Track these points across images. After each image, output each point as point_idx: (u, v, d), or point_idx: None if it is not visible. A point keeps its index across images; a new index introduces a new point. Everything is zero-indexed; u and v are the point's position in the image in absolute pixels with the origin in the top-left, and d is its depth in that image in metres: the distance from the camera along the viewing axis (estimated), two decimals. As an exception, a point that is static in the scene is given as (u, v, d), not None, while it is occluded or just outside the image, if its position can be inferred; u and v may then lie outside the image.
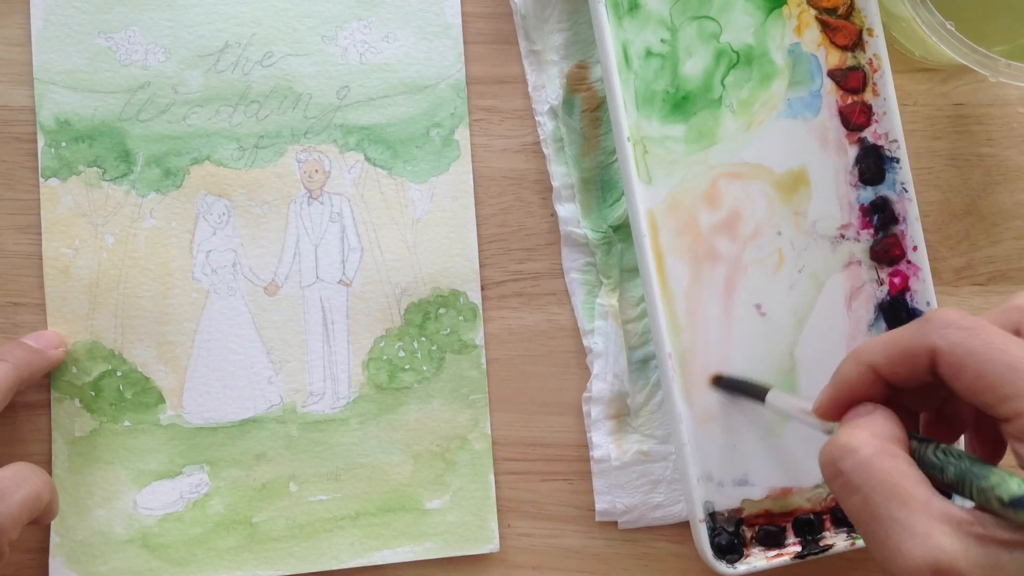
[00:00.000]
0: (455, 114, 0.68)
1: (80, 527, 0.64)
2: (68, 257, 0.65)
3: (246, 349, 0.66)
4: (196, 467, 0.66)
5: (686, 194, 0.66)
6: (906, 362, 0.49)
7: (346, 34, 0.67)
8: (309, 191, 0.67)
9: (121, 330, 0.65)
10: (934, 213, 0.71)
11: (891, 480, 0.46)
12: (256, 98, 0.66)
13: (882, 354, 0.50)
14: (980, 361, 0.46)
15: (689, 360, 0.66)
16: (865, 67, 0.68)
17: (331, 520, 0.67)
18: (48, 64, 0.65)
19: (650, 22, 0.66)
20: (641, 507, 0.68)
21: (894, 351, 0.50)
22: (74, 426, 0.65)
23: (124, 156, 0.65)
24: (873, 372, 0.51)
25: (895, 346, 0.50)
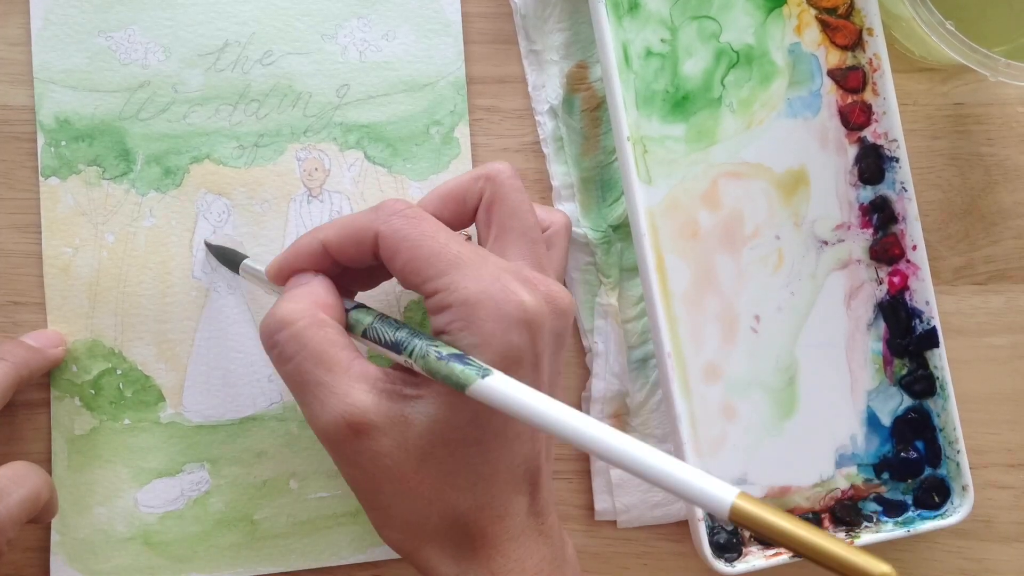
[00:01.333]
0: (455, 112, 0.68)
1: (81, 525, 0.64)
2: (68, 256, 0.65)
3: (246, 347, 0.66)
4: (197, 465, 0.66)
5: (686, 194, 0.66)
6: (354, 244, 0.55)
7: (346, 32, 0.67)
8: (309, 189, 0.67)
9: (121, 328, 0.65)
10: (934, 212, 0.71)
11: (319, 348, 0.53)
12: (256, 97, 0.66)
13: (335, 233, 0.56)
14: (412, 247, 0.53)
15: (688, 359, 0.66)
16: (865, 67, 0.68)
17: (332, 517, 0.67)
18: (48, 63, 0.65)
19: (650, 22, 0.66)
20: (640, 506, 0.68)
21: (345, 232, 0.55)
22: (74, 424, 0.65)
23: (124, 155, 0.65)
24: (324, 248, 0.56)
25: (347, 227, 0.56)
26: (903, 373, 0.69)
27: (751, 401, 0.67)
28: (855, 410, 0.68)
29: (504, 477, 0.55)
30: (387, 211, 0.54)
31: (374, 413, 0.52)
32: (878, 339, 0.69)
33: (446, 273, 0.52)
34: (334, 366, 0.52)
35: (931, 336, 0.68)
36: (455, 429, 0.53)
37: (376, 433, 0.52)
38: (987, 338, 0.71)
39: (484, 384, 0.49)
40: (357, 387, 0.52)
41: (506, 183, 0.58)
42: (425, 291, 0.53)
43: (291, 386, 0.54)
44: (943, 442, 0.68)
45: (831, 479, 0.68)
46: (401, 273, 0.54)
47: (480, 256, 0.53)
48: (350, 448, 0.52)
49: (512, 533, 0.55)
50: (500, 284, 0.52)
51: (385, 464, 0.52)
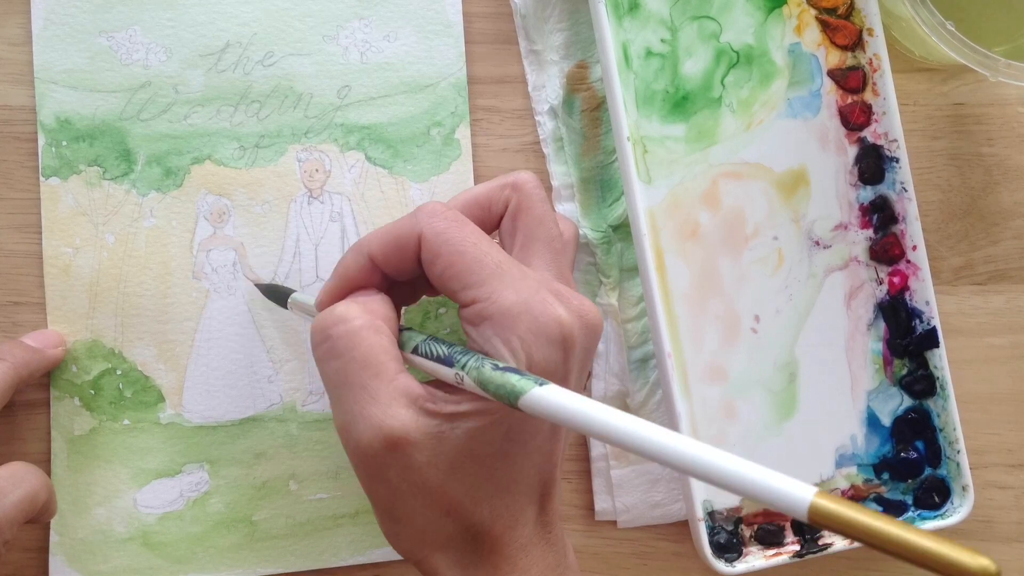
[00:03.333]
0: (456, 113, 0.68)
1: (80, 526, 0.64)
2: (68, 256, 0.65)
3: (246, 348, 0.66)
4: (196, 466, 0.66)
5: (686, 194, 0.66)
6: (399, 250, 0.54)
7: (347, 33, 0.67)
8: (309, 190, 0.67)
9: (121, 329, 0.65)
10: (933, 212, 0.71)
11: (371, 352, 0.52)
12: (257, 98, 0.66)
13: (379, 242, 0.55)
14: (453, 251, 0.53)
15: (688, 359, 0.66)
16: (865, 67, 0.68)
17: (331, 518, 0.67)
18: (49, 63, 0.65)
19: (650, 22, 0.66)
20: (640, 506, 0.68)
21: (388, 239, 0.55)
22: (73, 425, 0.65)
23: (125, 155, 0.65)
24: (371, 262, 0.56)
25: (390, 234, 0.55)
26: (903, 373, 0.69)
27: (751, 401, 0.67)
28: (855, 410, 0.68)
29: (521, 488, 0.55)
30: (428, 213, 0.54)
31: (413, 430, 0.51)
32: (878, 339, 0.69)
33: (486, 282, 0.52)
34: (382, 373, 0.52)
35: (931, 336, 0.68)
36: (489, 444, 0.53)
37: (411, 449, 0.51)
38: (987, 338, 0.71)
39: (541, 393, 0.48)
40: (399, 400, 0.51)
41: (533, 193, 0.58)
42: (463, 298, 0.53)
43: (332, 384, 0.54)
44: (943, 442, 0.68)
45: (831, 479, 0.68)
46: (440, 278, 0.54)
47: (518, 267, 0.53)
48: (380, 461, 0.52)
49: (521, 542, 0.55)
50: (539, 297, 0.52)
51: (413, 479, 0.52)
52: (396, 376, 0.52)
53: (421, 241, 0.54)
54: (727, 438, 0.66)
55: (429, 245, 0.53)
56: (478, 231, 0.54)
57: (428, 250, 0.53)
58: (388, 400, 0.51)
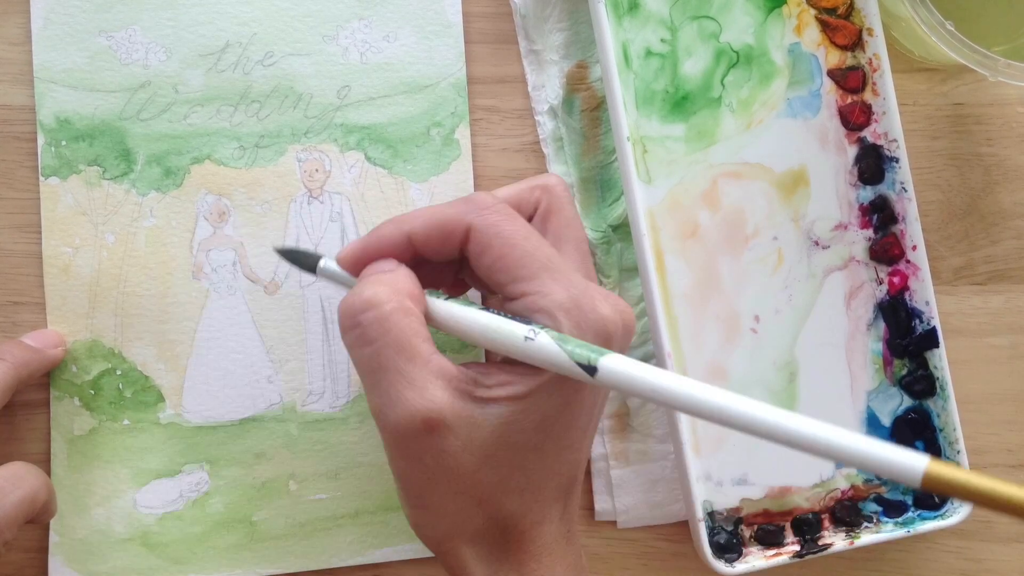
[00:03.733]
0: (455, 113, 0.68)
1: (80, 526, 0.64)
2: (68, 256, 0.65)
3: (246, 348, 0.66)
4: (196, 466, 0.66)
5: (686, 194, 0.66)
6: (443, 235, 0.55)
7: (347, 33, 0.67)
8: (309, 190, 0.67)
9: (121, 329, 0.65)
10: (933, 213, 0.71)
11: (403, 336, 0.51)
12: (257, 98, 0.66)
13: (423, 224, 0.55)
14: (505, 243, 0.53)
15: (688, 359, 0.66)
16: (865, 67, 0.68)
17: (331, 519, 0.67)
18: (48, 63, 0.65)
19: (650, 22, 0.66)
20: (640, 506, 0.68)
21: (434, 222, 0.55)
22: (73, 425, 0.65)
23: (124, 155, 0.65)
24: (408, 240, 0.55)
25: (436, 218, 0.55)
26: (903, 373, 0.69)
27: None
28: (855, 410, 0.68)
29: (551, 484, 0.55)
30: (480, 204, 0.54)
31: (449, 412, 0.51)
32: (878, 339, 0.69)
33: (537, 276, 0.52)
34: (416, 356, 0.51)
35: (931, 336, 0.68)
36: (522, 433, 0.53)
37: (447, 432, 0.51)
38: (987, 338, 0.71)
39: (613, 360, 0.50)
40: (435, 383, 0.51)
41: (562, 195, 0.59)
42: (512, 291, 0.53)
43: (365, 370, 0.53)
44: (943, 442, 0.68)
45: (831, 479, 0.68)
46: (489, 270, 0.54)
47: (566, 264, 0.54)
48: (417, 444, 0.52)
49: (546, 539, 0.55)
50: (588, 295, 0.52)
51: (447, 464, 0.52)
52: (430, 358, 0.52)
53: (470, 232, 0.54)
54: (727, 438, 0.66)
55: (480, 237, 0.53)
56: (528, 226, 0.54)
57: (478, 242, 0.54)
58: (424, 382, 0.51)
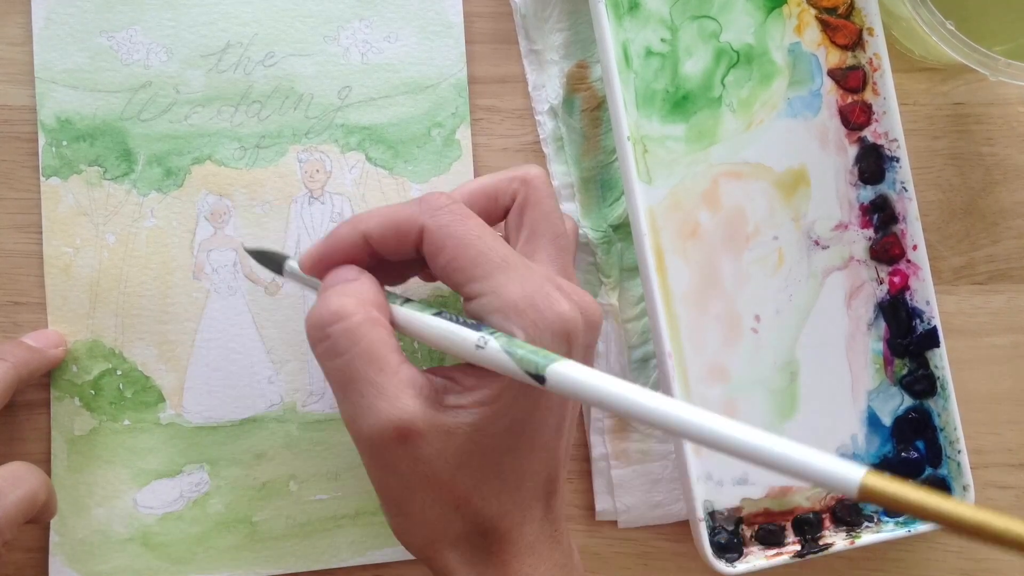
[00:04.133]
0: (456, 114, 0.68)
1: (80, 526, 0.64)
2: (69, 256, 0.65)
3: (246, 349, 0.66)
4: (196, 466, 0.66)
5: (686, 193, 0.66)
6: (397, 236, 0.54)
7: (348, 34, 0.67)
8: (310, 191, 0.67)
9: (121, 329, 0.65)
10: (934, 212, 0.71)
11: (373, 347, 0.52)
12: (258, 98, 0.67)
13: (378, 224, 0.55)
14: (458, 244, 0.53)
15: (689, 359, 0.66)
16: (865, 66, 0.68)
17: (331, 519, 0.67)
18: (49, 63, 0.65)
19: (650, 21, 0.66)
20: (641, 506, 0.68)
21: (388, 223, 0.55)
22: (74, 425, 0.65)
23: (125, 155, 0.65)
24: (364, 240, 0.55)
25: (390, 219, 0.55)
26: (904, 373, 0.69)
27: (752, 401, 0.67)
28: (856, 410, 0.68)
29: (528, 485, 0.55)
30: (433, 205, 0.54)
31: (421, 420, 0.51)
32: (879, 339, 0.69)
33: (491, 276, 0.52)
34: (386, 367, 0.52)
35: (932, 336, 0.68)
36: (492, 437, 0.53)
37: (420, 440, 0.51)
38: (988, 338, 0.71)
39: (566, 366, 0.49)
40: (406, 392, 0.51)
41: (541, 188, 0.58)
42: (467, 292, 0.53)
43: (336, 382, 0.53)
44: (944, 442, 0.68)
45: (832, 479, 0.68)
46: (444, 271, 0.54)
47: (523, 261, 0.54)
48: (391, 453, 0.52)
49: (529, 540, 0.55)
50: (544, 292, 0.52)
51: (423, 471, 0.52)
52: (400, 368, 0.52)
53: (424, 233, 0.54)
54: (727, 438, 0.66)
55: (432, 238, 0.53)
56: (482, 224, 0.54)
57: (431, 243, 0.53)
58: (395, 392, 0.51)
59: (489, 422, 0.52)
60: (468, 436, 0.52)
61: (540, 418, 0.54)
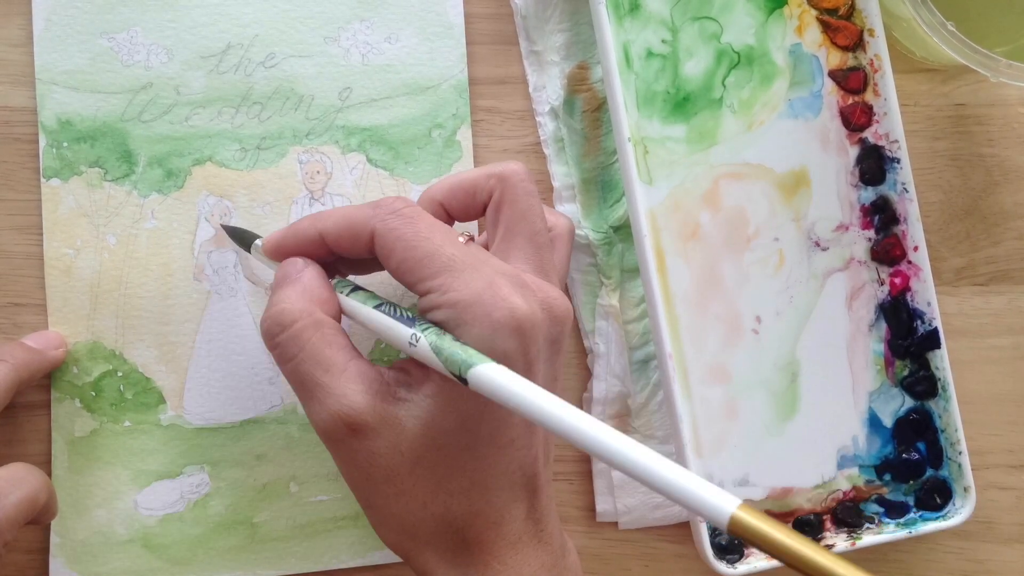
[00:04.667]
0: (457, 115, 0.68)
1: (80, 527, 0.64)
2: (69, 257, 0.65)
3: (247, 350, 0.66)
4: (197, 467, 0.66)
5: (687, 194, 0.66)
6: (350, 238, 0.56)
7: (348, 35, 0.67)
8: (311, 192, 0.67)
9: (122, 330, 0.65)
10: (935, 213, 0.71)
11: (316, 349, 0.54)
12: (258, 99, 0.66)
13: (333, 225, 0.56)
14: (406, 247, 0.53)
15: (689, 360, 0.66)
16: (866, 67, 0.68)
17: (332, 520, 0.67)
18: (50, 64, 0.65)
19: (651, 22, 0.66)
20: (641, 507, 0.68)
21: (343, 225, 0.56)
22: (74, 426, 0.65)
23: (126, 157, 0.65)
24: (321, 238, 0.57)
25: (345, 221, 0.56)
26: (904, 374, 0.69)
27: (753, 402, 0.67)
28: (856, 411, 0.68)
29: (500, 483, 0.55)
30: (385, 209, 0.55)
31: (368, 413, 0.53)
32: (879, 340, 0.69)
33: (439, 275, 0.52)
34: (331, 367, 0.53)
35: (932, 337, 0.68)
36: (444, 434, 0.53)
37: (371, 433, 0.53)
38: (989, 339, 0.71)
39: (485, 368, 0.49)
40: (353, 387, 0.53)
41: (518, 185, 0.58)
42: (418, 291, 0.54)
43: (292, 385, 0.55)
44: (945, 443, 0.68)
45: (833, 480, 0.68)
46: (396, 272, 0.54)
47: (476, 259, 0.53)
48: (346, 447, 0.54)
49: (509, 540, 0.55)
50: (492, 290, 0.52)
51: (380, 464, 0.53)
52: (347, 365, 0.54)
53: (374, 237, 0.55)
54: (728, 439, 0.66)
55: (382, 241, 0.54)
56: (433, 225, 0.55)
57: (381, 246, 0.54)
58: (342, 389, 0.53)
59: (438, 417, 0.53)
60: (419, 431, 0.53)
61: (500, 416, 0.54)
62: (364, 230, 0.55)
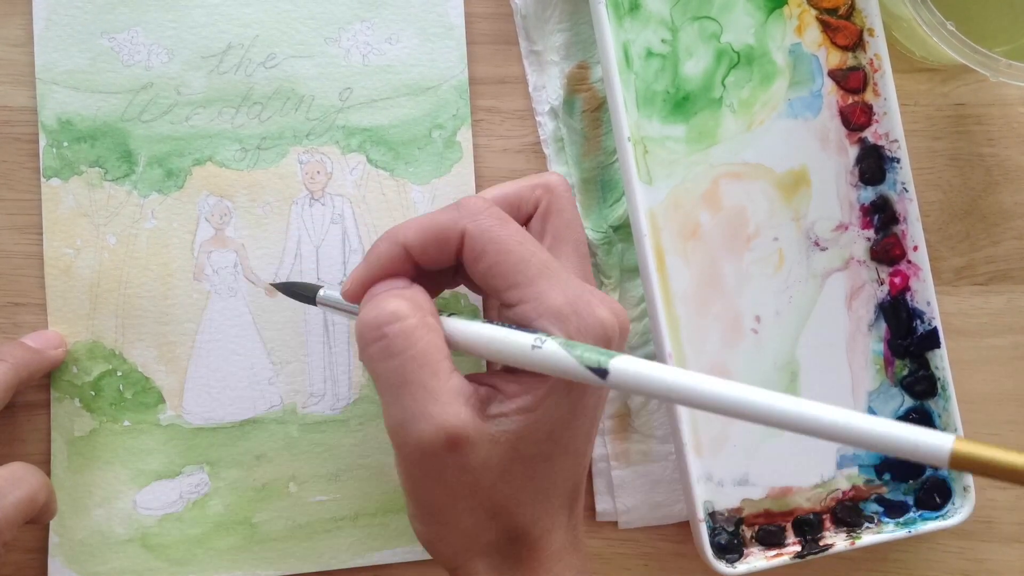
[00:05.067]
0: (457, 115, 0.68)
1: (79, 527, 0.64)
2: (69, 257, 0.65)
3: (247, 350, 0.66)
4: (196, 467, 0.66)
5: (687, 194, 0.66)
6: (438, 243, 0.54)
7: (349, 35, 0.67)
8: (311, 192, 0.67)
9: (122, 330, 0.65)
10: (934, 213, 0.71)
11: (428, 350, 0.51)
12: (259, 99, 0.67)
13: (416, 234, 0.55)
14: (500, 249, 0.53)
15: (689, 360, 0.66)
16: (866, 67, 0.68)
17: (331, 520, 0.67)
18: (50, 64, 0.65)
19: (651, 22, 0.66)
20: (641, 507, 0.68)
21: (429, 231, 0.54)
22: (74, 426, 0.65)
23: (126, 156, 0.65)
24: (405, 251, 0.55)
25: (430, 227, 0.54)
26: (904, 374, 0.69)
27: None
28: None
29: (558, 491, 0.55)
30: (472, 210, 0.54)
31: (472, 428, 0.51)
32: (879, 340, 0.69)
33: (533, 282, 0.52)
34: (440, 372, 0.51)
35: (932, 337, 0.68)
36: (534, 444, 0.53)
37: (469, 449, 0.51)
38: (988, 339, 0.71)
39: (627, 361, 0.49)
40: (458, 399, 0.51)
41: (563, 195, 0.59)
42: (508, 298, 0.53)
43: (387, 384, 0.52)
44: (944, 443, 0.68)
45: (832, 480, 0.68)
46: (484, 276, 0.53)
47: (561, 268, 0.54)
48: (439, 460, 0.51)
49: (555, 548, 0.55)
50: (585, 299, 0.52)
51: (467, 480, 0.52)
52: (451, 375, 0.52)
53: (465, 237, 0.53)
54: (728, 438, 0.66)
55: (474, 243, 0.53)
56: (522, 230, 0.54)
57: (472, 248, 0.53)
58: (448, 399, 0.51)
59: (532, 430, 0.52)
60: (511, 444, 0.52)
61: (576, 424, 0.54)
62: (453, 233, 0.54)
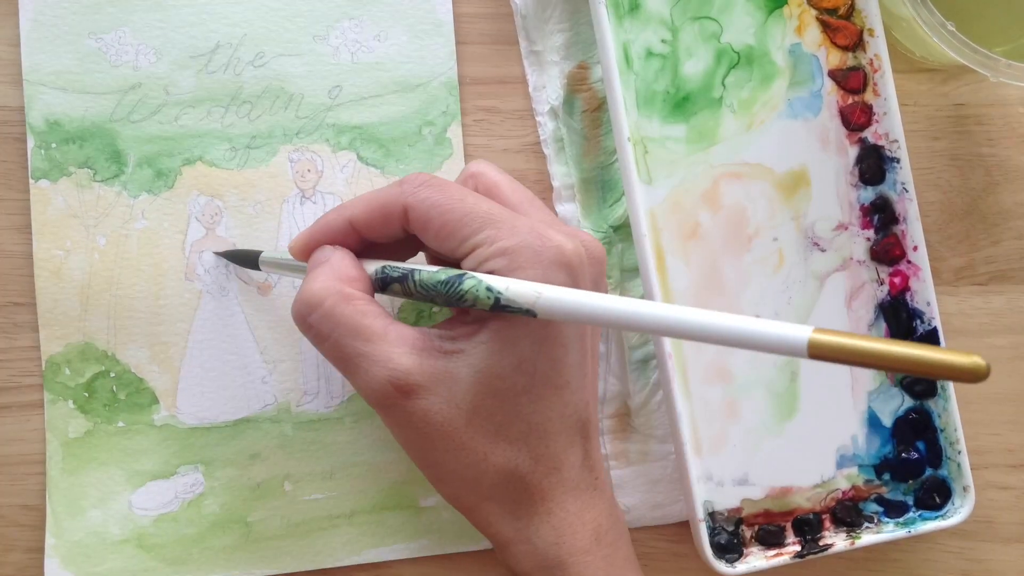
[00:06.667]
0: (447, 112, 0.68)
1: (75, 528, 0.64)
2: (59, 259, 0.64)
3: (240, 349, 0.66)
4: (191, 467, 0.66)
5: (686, 194, 0.66)
6: (382, 218, 0.56)
7: (337, 33, 0.67)
8: (302, 191, 0.66)
9: (114, 331, 0.65)
10: (934, 213, 0.71)
11: (351, 322, 0.54)
12: (248, 98, 0.66)
13: (363, 210, 0.57)
14: (442, 211, 0.54)
15: (689, 360, 0.66)
16: (866, 67, 0.68)
17: (326, 519, 0.67)
18: (38, 65, 0.64)
19: (651, 22, 0.66)
20: (641, 507, 0.68)
21: (372, 207, 0.56)
22: (68, 428, 0.64)
23: (115, 157, 0.65)
24: (351, 225, 0.57)
25: (374, 203, 0.56)
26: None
27: (752, 401, 0.67)
28: (856, 410, 0.68)
29: (557, 427, 0.56)
30: (413, 184, 0.55)
31: (418, 373, 0.53)
32: (879, 340, 0.69)
33: (482, 230, 0.53)
34: (371, 336, 0.54)
35: (932, 337, 0.68)
36: (501, 378, 0.54)
37: (422, 391, 0.53)
38: (988, 339, 0.72)
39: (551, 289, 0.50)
40: (397, 350, 0.53)
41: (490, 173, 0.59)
42: (462, 251, 0.54)
43: (333, 362, 0.56)
44: (944, 443, 0.68)
45: (832, 480, 0.68)
46: (436, 239, 0.55)
47: (510, 213, 0.54)
48: (400, 410, 0.54)
49: (568, 486, 0.56)
50: (536, 232, 0.53)
51: (436, 421, 0.54)
52: (386, 330, 0.54)
53: (408, 211, 0.55)
54: (728, 438, 0.66)
55: (417, 214, 0.55)
56: (462, 188, 0.55)
57: (417, 219, 0.55)
58: (386, 354, 0.53)
59: (493, 361, 0.54)
60: (474, 379, 0.54)
61: (556, 355, 0.55)
62: (395, 207, 0.55)
